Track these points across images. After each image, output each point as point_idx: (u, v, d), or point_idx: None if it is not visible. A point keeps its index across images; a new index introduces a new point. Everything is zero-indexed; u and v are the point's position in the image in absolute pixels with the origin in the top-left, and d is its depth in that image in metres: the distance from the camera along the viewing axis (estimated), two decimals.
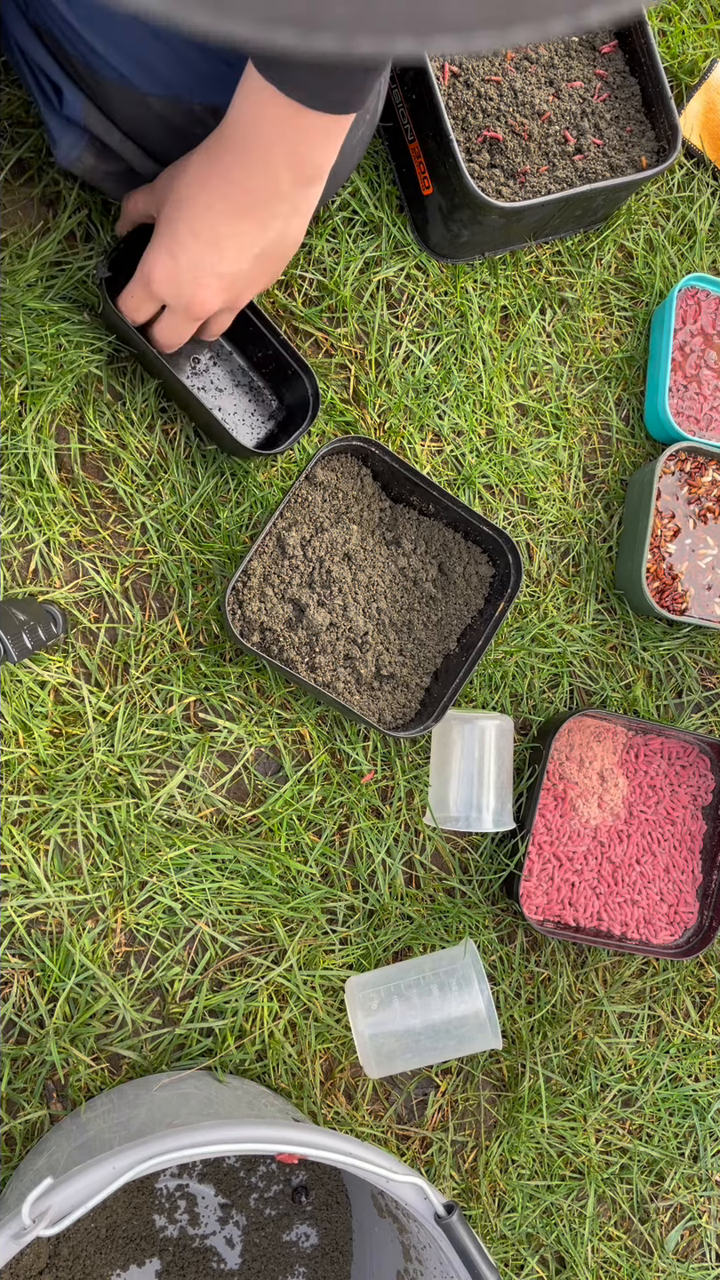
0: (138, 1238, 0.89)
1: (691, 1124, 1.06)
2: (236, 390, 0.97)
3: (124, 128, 0.83)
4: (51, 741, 0.90)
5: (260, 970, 0.94)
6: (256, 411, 0.98)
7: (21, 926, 0.88)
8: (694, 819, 1.08)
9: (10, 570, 0.91)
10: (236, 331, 0.94)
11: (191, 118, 0.80)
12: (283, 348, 0.94)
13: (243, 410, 0.97)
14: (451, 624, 0.99)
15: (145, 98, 0.78)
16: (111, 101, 0.80)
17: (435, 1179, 0.98)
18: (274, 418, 0.98)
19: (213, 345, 0.96)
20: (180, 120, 0.80)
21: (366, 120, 0.89)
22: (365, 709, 0.95)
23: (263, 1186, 0.93)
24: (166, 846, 0.92)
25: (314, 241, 1.02)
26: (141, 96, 0.78)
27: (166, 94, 0.78)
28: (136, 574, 0.95)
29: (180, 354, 0.95)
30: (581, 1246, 1.02)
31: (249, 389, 0.97)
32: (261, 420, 0.98)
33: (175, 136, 0.81)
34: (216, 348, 0.96)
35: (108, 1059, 0.90)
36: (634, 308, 1.14)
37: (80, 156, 0.85)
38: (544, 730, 1.04)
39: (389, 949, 0.98)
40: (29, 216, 0.94)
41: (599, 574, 1.09)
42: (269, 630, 0.91)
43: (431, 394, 1.05)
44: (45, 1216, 0.60)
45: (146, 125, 0.81)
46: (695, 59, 1.19)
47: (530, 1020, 1.02)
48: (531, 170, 1.02)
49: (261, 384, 0.98)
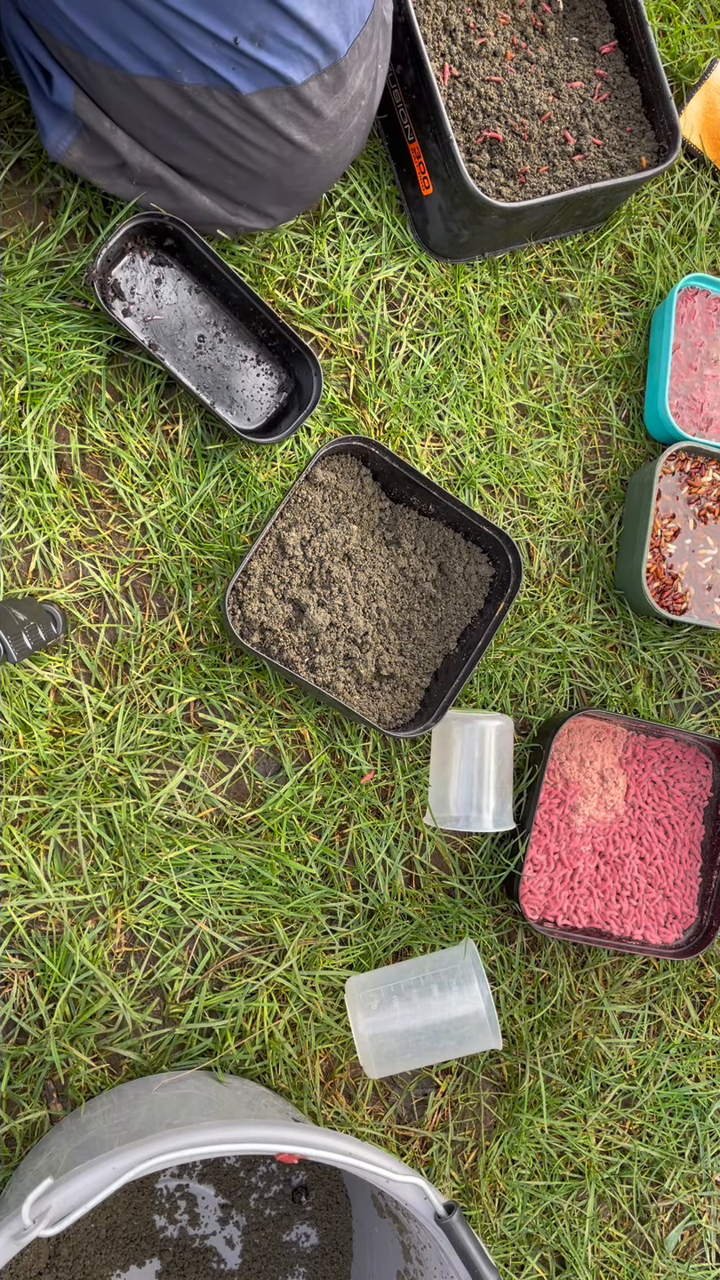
0: (138, 1238, 0.89)
1: (691, 1124, 1.06)
2: (244, 366, 0.98)
3: (114, 115, 0.82)
4: (51, 741, 0.90)
5: (260, 970, 0.94)
6: (265, 387, 0.99)
7: (21, 926, 0.88)
8: (694, 819, 1.08)
9: (10, 570, 0.91)
10: (240, 310, 0.96)
11: (182, 98, 0.79)
12: (283, 328, 0.95)
13: (251, 386, 0.98)
14: (451, 624, 0.99)
15: (134, 79, 0.78)
16: (101, 86, 0.80)
17: (435, 1179, 0.98)
18: (284, 390, 1.00)
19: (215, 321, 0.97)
20: (171, 102, 0.79)
21: (362, 106, 0.88)
22: (365, 709, 0.95)
23: (263, 1186, 0.93)
24: (166, 846, 0.92)
25: (314, 242, 1.02)
26: (130, 78, 0.78)
27: (155, 74, 0.78)
28: (136, 574, 0.95)
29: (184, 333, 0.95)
30: (581, 1246, 1.02)
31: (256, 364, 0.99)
32: (271, 395, 0.99)
33: (167, 121, 0.81)
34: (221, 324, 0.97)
35: (108, 1059, 0.90)
36: (634, 308, 1.14)
37: (69, 149, 0.85)
38: (544, 730, 1.04)
39: (389, 949, 0.98)
40: (29, 216, 0.94)
41: (599, 574, 1.09)
42: (269, 630, 0.91)
43: (431, 394, 1.05)
44: (45, 1216, 0.60)
45: (137, 110, 0.81)
46: (695, 59, 1.19)
47: (530, 1020, 1.02)
48: (531, 170, 1.02)
49: (269, 360, 0.99)
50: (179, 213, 0.90)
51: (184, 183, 0.87)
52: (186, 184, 0.87)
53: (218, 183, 0.87)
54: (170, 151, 0.84)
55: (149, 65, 0.77)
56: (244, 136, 0.82)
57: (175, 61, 0.77)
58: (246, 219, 0.92)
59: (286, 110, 0.81)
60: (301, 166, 0.87)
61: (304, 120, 0.83)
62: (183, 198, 0.88)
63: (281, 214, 0.94)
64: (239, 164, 0.85)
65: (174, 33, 0.75)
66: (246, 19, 0.74)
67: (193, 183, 0.87)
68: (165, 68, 0.77)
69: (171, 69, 0.77)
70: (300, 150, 0.85)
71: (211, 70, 0.77)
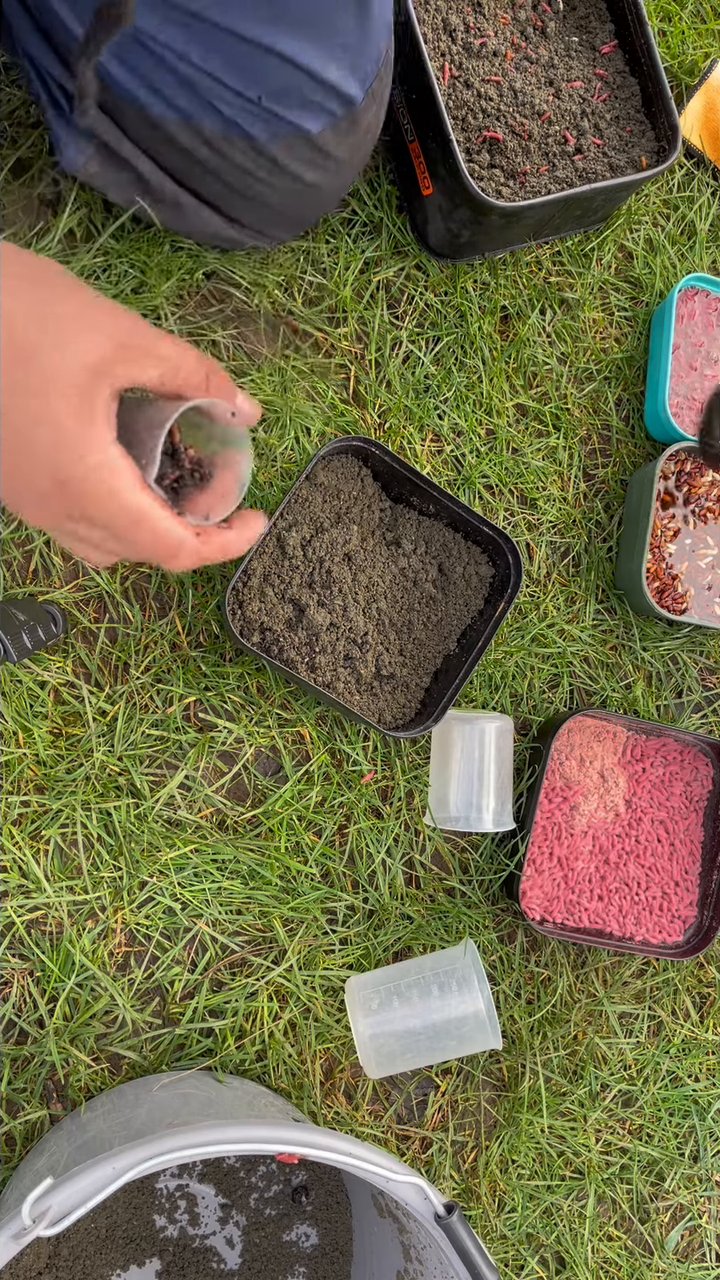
0: (138, 1238, 0.89)
1: (691, 1124, 1.06)
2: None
3: (135, 141, 0.83)
4: (51, 741, 0.90)
5: (260, 970, 0.94)
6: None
7: (21, 926, 0.88)
8: (694, 819, 1.08)
9: (10, 570, 0.91)
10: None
11: (200, 139, 0.80)
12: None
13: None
14: (451, 624, 0.99)
15: (156, 119, 0.79)
16: (124, 115, 0.80)
17: (435, 1179, 0.98)
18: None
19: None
20: (190, 142, 0.81)
21: (370, 138, 0.89)
22: (365, 709, 0.95)
23: (263, 1186, 0.93)
24: (166, 846, 0.92)
25: (314, 243, 1.02)
26: (153, 117, 0.79)
27: (177, 117, 0.79)
28: (136, 574, 0.95)
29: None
30: (581, 1246, 1.02)
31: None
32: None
33: (184, 156, 0.82)
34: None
35: (108, 1059, 0.90)
36: (634, 308, 1.14)
37: (86, 164, 0.85)
38: (544, 730, 1.04)
39: (389, 949, 0.98)
40: (29, 216, 0.94)
41: (599, 574, 1.09)
42: (269, 630, 0.91)
43: (431, 394, 1.05)
44: (45, 1216, 0.60)
45: (155, 143, 0.82)
46: (695, 59, 1.19)
47: (530, 1020, 1.02)
48: (531, 170, 1.02)
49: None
50: (191, 230, 0.91)
51: (195, 203, 0.88)
52: (197, 204, 0.88)
53: (227, 208, 0.89)
54: (185, 176, 0.86)
55: (171, 109, 0.78)
56: (257, 176, 0.84)
57: (197, 110, 0.78)
58: (252, 239, 0.94)
59: (303, 157, 0.83)
60: (311, 199, 0.90)
61: (318, 163, 0.85)
62: (192, 217, 0.90)
63: (285, 235, 0.96)
64: (249, 198, 0.87)
65: (199, 86, 0.76)
66: (272, 80, 0.76)
67: (203, 204, 0.88)
68: (188, 114, 0.78)
69: (194, 115, 0.78)
70: (310, 187, 0.87)
71: (233, 121, 0.78)
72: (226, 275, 0.99)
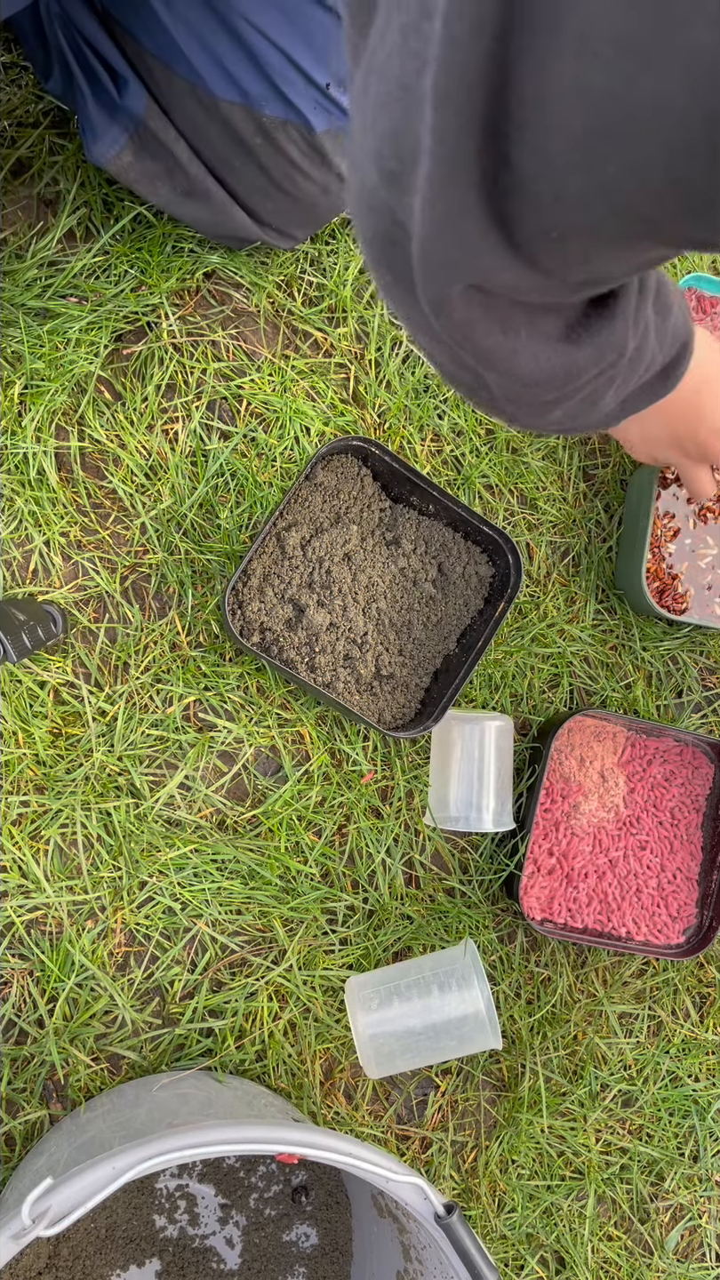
0: (138, 1238, 0.89)
1: (691, 1124, 1.06)
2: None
3: (180, 128, 0.83)
4: (51, 741, 0.90)
5: (260, 970, 0.94)
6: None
7: (21, 926, 0.88)
8: (694, 819, 1.08)
9: (10, 570, 0.91)
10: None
11: (257, 127, 0.80)
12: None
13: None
14: (451, 624, 0.99)
15: (216, 101, 0.79)
16: (177, 99, 0.80)
17: (435, 1179, 0.98)
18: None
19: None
20: (245, 128, 0.81)
21: None
22: (365, 709, 0.95)
23: (263, 1186, 0.93)
24: (166, 846, 0.92)
25: (314, 243, 1.02)
26: (212, 100, 0.79)
27: (239, 100, 0.79)
28: (136, 574, 0.95)
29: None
30: (581, 1246, 1.02)
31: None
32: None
33: (234, 145, 0.82)
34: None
35: (107, 1059, 0.90)
36: None
37: (118, 154, 0.85)
38: (544, 730, 1.04)
39: (389, 949, 0.98)
40: (28, 216, 0.94)
41: (599, 574, 1.09)
42: (269, 630, 0.91)
43: (431, 394, 1.05)
44: (45, 1216, 0.60)
45: (207, 129, 0.82)
46: None
47: (530, 1020, 1.02)
48: None
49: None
50: (214, 226, 0.91)
51: (225, 198, 0.88)
52: (225, 198, 0.88)
53: (256, 205, 0.89)
54: (223, 168, 0.86)
55: (236, 91, 0.78)
56: (300, 168, 0.84)
57: (263, 94, 0.78)
58: (273, 238, 0.94)
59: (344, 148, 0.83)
60: (338, 198, 0.90)
61: None
62: (221, 212, 0.89)
63: (303, 236, 0.96)
64: (285, 191, 0.87)
65: (270, 67, 0.76)
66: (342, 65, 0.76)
67: (232, 199, 0.89)
68: (251, 97, 0.78)
69: (257, 99, 0.78)
70: (341, 180, 0.88)
71: (295, 107, 0.79)
72: (226, 275, 0.99)
